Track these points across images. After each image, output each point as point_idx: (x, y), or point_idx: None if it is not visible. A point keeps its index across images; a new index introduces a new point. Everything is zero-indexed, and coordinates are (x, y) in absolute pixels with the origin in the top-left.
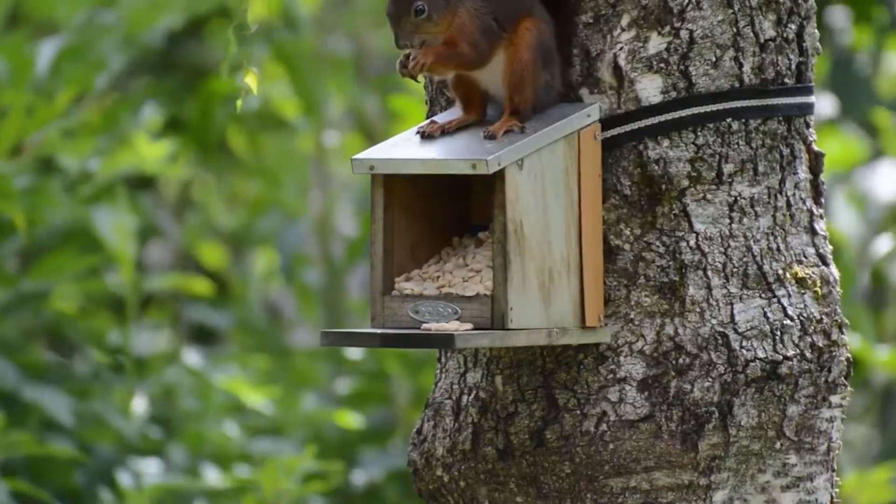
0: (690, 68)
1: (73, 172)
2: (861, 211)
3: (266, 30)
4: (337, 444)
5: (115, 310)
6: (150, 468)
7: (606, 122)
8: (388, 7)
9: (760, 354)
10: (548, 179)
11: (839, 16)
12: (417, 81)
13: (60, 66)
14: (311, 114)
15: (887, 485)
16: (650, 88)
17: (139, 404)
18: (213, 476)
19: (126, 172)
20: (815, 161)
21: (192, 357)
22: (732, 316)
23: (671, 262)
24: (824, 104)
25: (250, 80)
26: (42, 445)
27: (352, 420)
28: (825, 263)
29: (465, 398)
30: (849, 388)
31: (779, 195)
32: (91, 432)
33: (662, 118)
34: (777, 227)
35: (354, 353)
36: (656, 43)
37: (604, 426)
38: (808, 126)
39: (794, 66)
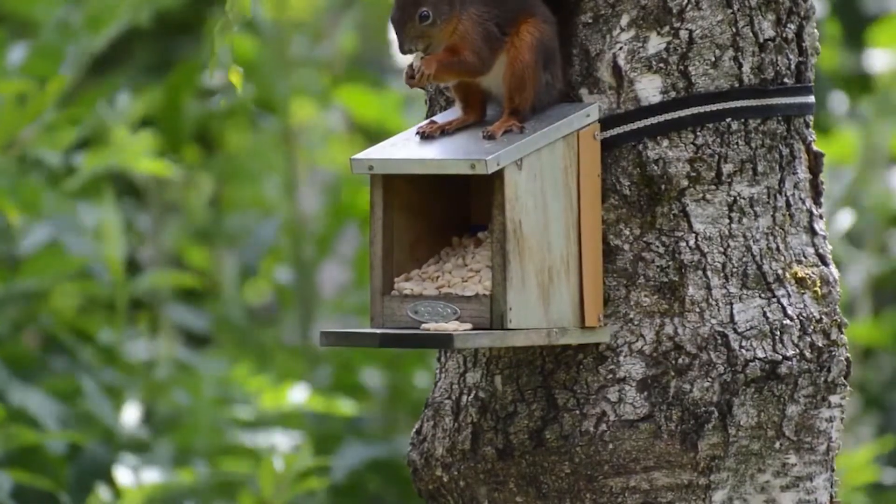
0: (690, 68)
1: (55, 166)
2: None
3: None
4: (316, 437)
5: (105, 309)
6: (143, 463)
7: (606, 122)
8: (393, 13)
9: (760, 354)
10: (547, 179)
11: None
12: (427, 91)
13: (30, 63)
14: (276, 111)
15: (872, 464)
16: (649, 88)
17: (131, 401)
18: (206, 471)
19: (110, 167)
20: (815, 161)
21: (182, 354)
22: (732, 316)
23: (671, 262)
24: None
25: (234, 78)
26: (39, 434)
27: (345, 407)
28: (825, 263)
29: (464, 398)
30: (848, 388)
31: (778, 195)
32: (82, 431)
33: (662, 118)
34: (776, 227)
35: (324, 351)
36: (655, 43)
37: (603, 426)
38: (807, 126)
39: (793, 66)
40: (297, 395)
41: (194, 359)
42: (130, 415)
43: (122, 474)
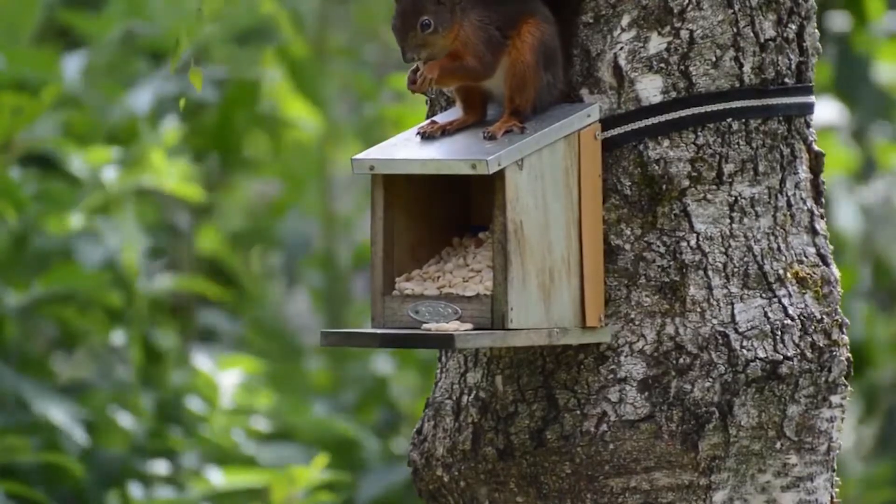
0: (691, 68)
1: (87, 180)
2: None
3: (269, 30)
4: (341, 447)
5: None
6: (158, 471)
7: (607, 122)
8: (395, 22)
9: (761, 354)
10: (548, 180)
11: (839, 20)
12: (427, 95)
13: (93, 79)
14: (316, 114)
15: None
16: (650, 88)
17: (149, 407)
18: (219, 480)
19: (141, 186)
20: (816, 161)
21: (202, 361)
22: (733, 316)
23: (672, 262)
24: (823, 110)
25: (195, 79)
26: (38, 453)
27: (356, 431)
28: (826, 263)
29: (465, 398)
30: (849, 388)
31: (779, 195)
32: (100, 435)
33: (663, 118)
34: (777, 227)
35: (357, 366)
36: (656, 43)
37: (604, 426)
38: (808, 126)
39: (794, 66)
40: (316, 410)
41: (214, 367)
42: (149, 421)
43: (134, 488)
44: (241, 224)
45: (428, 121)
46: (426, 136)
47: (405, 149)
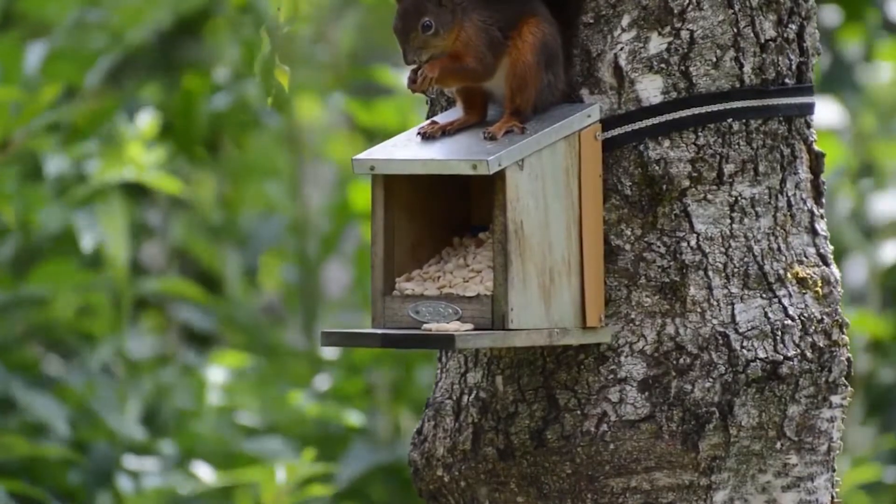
0: (691, 68)
1: (67, 175)
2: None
3: (237, 26)
4: (319, 441)
5: (109, 311)
6: (147, 467)
7: (607, 123)
8: (396, 23)
9: (761, 354)
10: (548, 180)
11: (831, 15)
12: (427, 95)
13: (51, 65)
14: (282, 109)
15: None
16: (651, 89)
17: (134, 404)
18: (207, 475)
19: (121, 178)
20: (816, 161)
21: (187, 357)
22: (733, 316)
23: (672, 263)
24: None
25: (281, 77)
26: (34, 447)
27: (352, 418)
28: (826, 263)
29: (465, 398)
30: (849, 388)
31: (779, 195)
32: (86, 432)
33: (663, 118)
34: (778, 228)
35: (330, 351)
36: (657, 43)
37: (604, 426)
38: (808, 126)
39: (794, 67)
40: (302, 401)
41: (199, 362)
42: (133, 417)
43: (124, 480)
44: (213, 219)
45: (428, 121)
46: (427, 137)
47: (406, 149)
